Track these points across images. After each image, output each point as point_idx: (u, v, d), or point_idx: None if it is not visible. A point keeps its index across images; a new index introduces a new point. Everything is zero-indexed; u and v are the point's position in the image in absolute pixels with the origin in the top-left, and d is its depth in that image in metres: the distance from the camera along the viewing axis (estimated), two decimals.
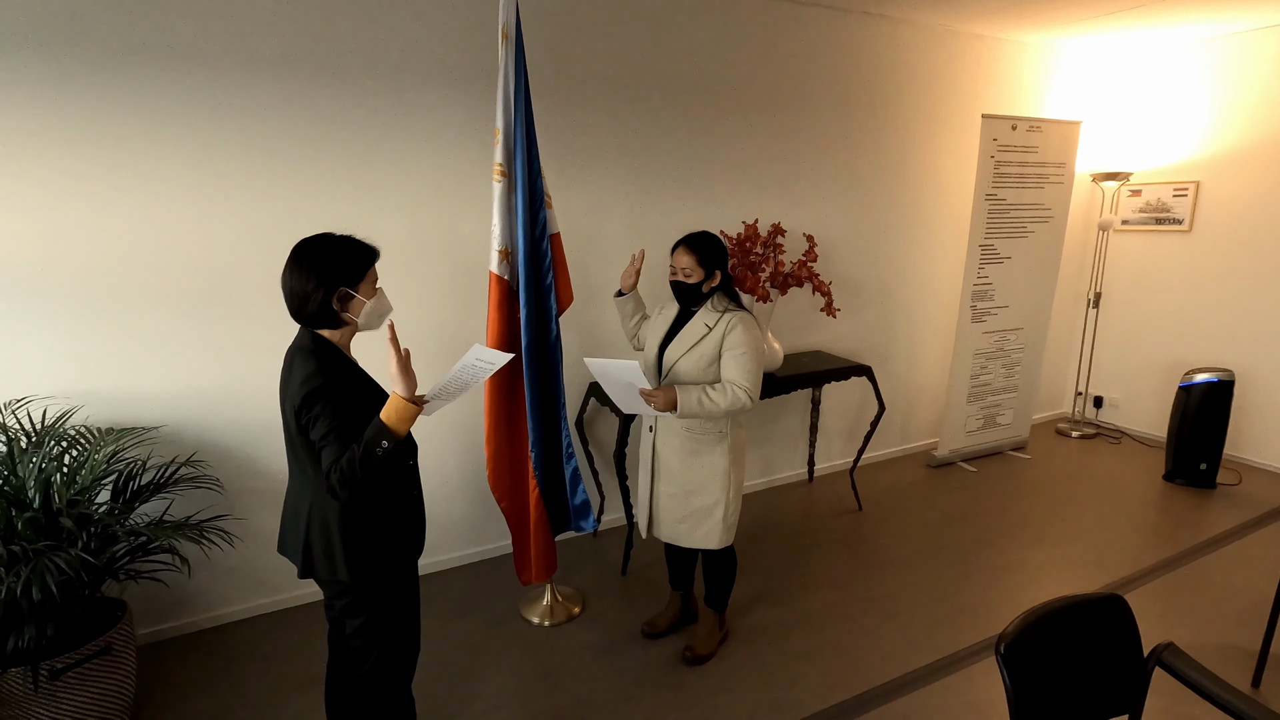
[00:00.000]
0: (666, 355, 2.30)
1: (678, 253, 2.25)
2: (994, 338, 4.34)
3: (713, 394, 2.17)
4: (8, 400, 2.24)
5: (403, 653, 1.80)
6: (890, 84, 3.88)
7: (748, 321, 2.25)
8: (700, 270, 2.22)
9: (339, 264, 1.58)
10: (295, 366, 1.58)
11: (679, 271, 2.24)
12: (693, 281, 2.23)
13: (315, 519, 1.63)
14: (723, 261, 2.27)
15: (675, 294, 2.31)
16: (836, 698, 2.34)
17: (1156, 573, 3.13)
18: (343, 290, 1.58)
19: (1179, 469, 4.07)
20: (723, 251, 2.28)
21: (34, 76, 2.17)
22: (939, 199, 4.26)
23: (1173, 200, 4.52)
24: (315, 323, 1.61)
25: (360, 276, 1.61)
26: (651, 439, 2.42)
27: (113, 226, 2.35)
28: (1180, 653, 1.56)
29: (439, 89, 2.75)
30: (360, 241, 1.64)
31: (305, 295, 1.56)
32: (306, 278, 1.56)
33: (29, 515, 1.93)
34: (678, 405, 2.15)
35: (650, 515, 2.47)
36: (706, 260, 2.22)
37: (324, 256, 1.57)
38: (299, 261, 1.58)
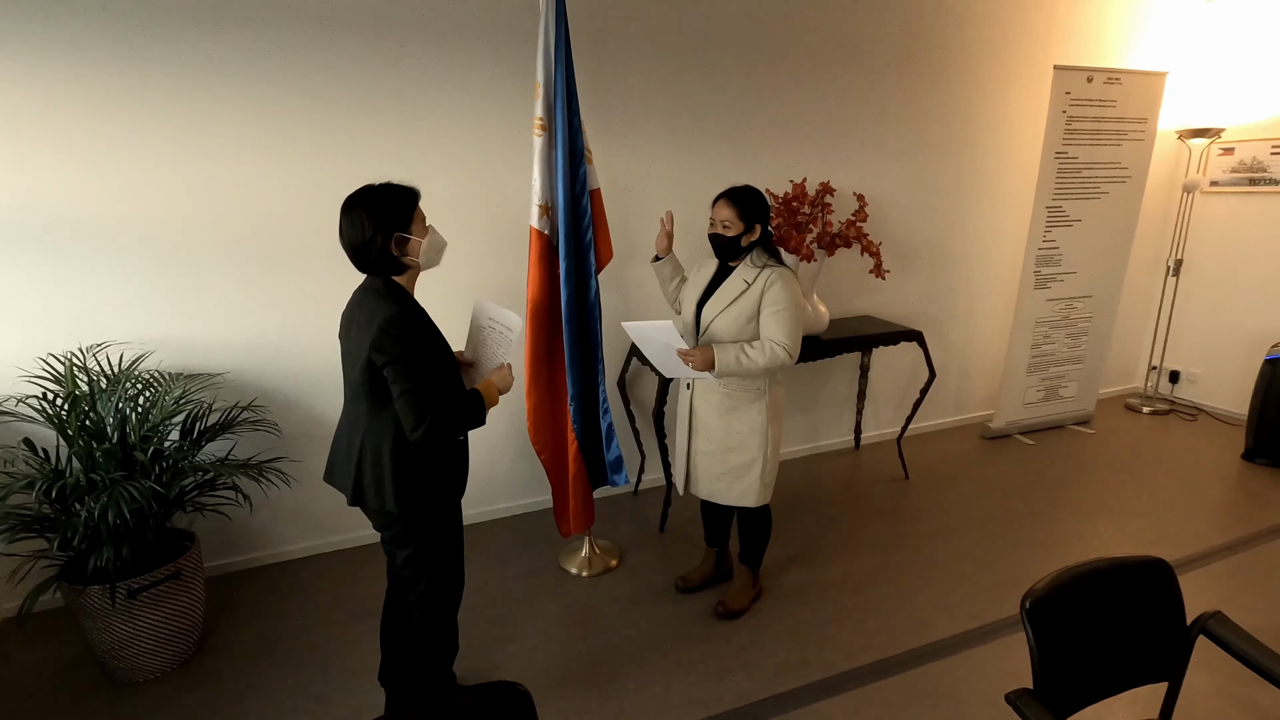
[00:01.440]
0: (704, 313, 2.28)
1: (718, 205, 2.21)
2: (1059, 305, 4.12)
3: (751, 352, 2.15)
4: (89, 344, 2.42)
5: (448, 584, 1.91)
6: (954, 35, 3.68)
7: (787, 277, 2.21)
8: (740, 224, 2.18)
9: (387, 209, 1.66)
10: (373, 308, 1.66)
11: (718, 224, 2.22)
12: (731, 235, 2.20)
13: (368, 451, 1.72)
14: (764, 216, 2.23)
15: (714, 248, 2.28)
16: (865, 659, 2.33)
17: (1224, 553, 2.96)
18: (397, 234, 1.66)
19: (1260, 448, 3.81)
20: (764, 206, 2.23)
21: (110, 43, 2.30)
22: (1004, 157, 4.04)
23: (1270, 159, 4.16)
24: (381, 270, 1.70)
25: (409, 218, 1.69)
26: (689, 396, 2.42)
27: (184, 185, 2.48)
28: (1229, 622, 1.48)
29: (483, 46, 2.76)
30: (400, 185, 1.71)
31: (364, 244, 1.65)
32: (360, 228, 1.65)
33: (106, 448, 2.10)
34: (715, 364, 2.15)
35: (688, 472, 2.48)
36: (747, 214, 2.18)
37: (372, 205, 1.65)
38: (350, 214, 1.67)
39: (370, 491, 1.73)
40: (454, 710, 1.09)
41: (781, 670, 2.28)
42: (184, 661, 2.32)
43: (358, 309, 1.71)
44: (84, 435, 2.13)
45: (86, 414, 2.16)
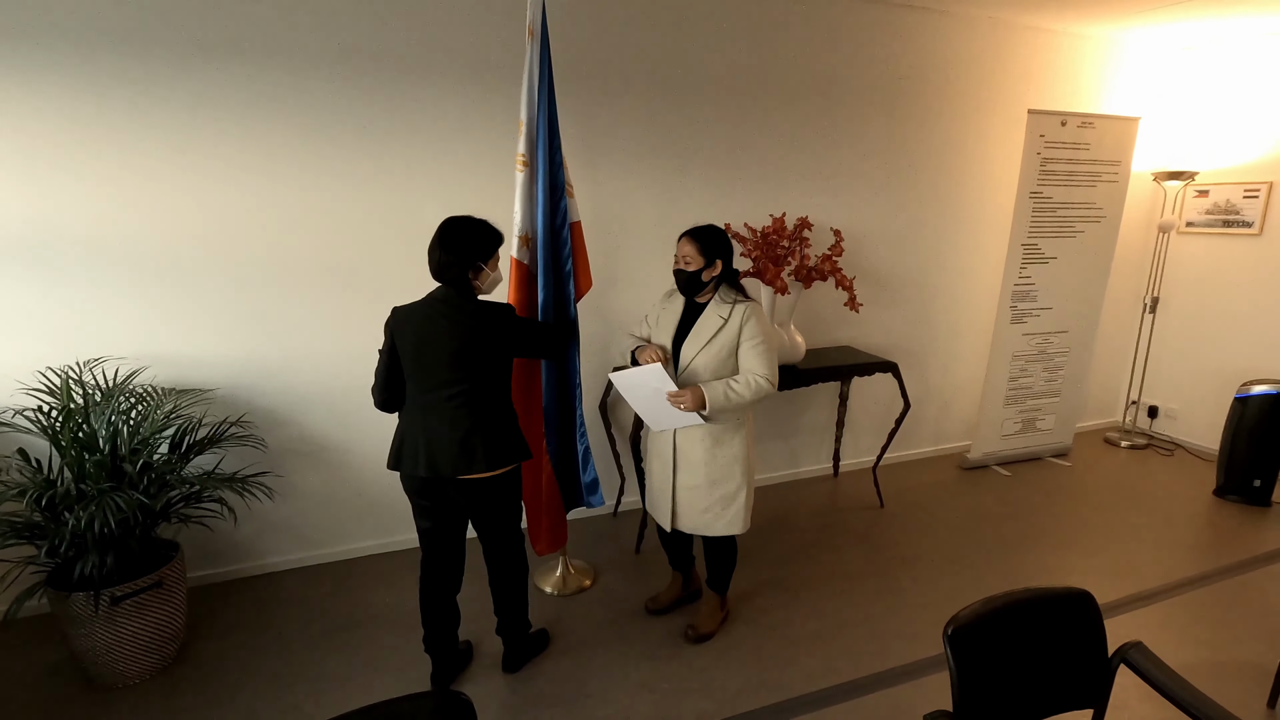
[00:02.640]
0: (684, 351, 2.34)
1: (681, 242, 2.32)
2: (1035, 340, 4.22)
3: (737, 387, 2.23)
4: (86, 359, 2.53)
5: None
6: (932, 77, 3.82)
7: (759, 311, 2.31)
8: (701, 259, 2.28)
9: (477, 244, 2.04)
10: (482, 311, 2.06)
11: (681, 260, 2.32)
12: (693, 269, 2.29)
13: (495, 420, 2.11)
14: (724, 252, 2.32)
15: (678, 283, 2.37)
16: (828, 682, 2.39)
17: (1190, 586, 3.02)
18: (477, 264, 2.05)
19: (1231, 484, 3.88)
20: (725, 243, 2.33)
21: (115, 73, 2.44)
22: (981, 196, 4.17)
23: (1243, 202, 4.27)
24: (456, 286, 2.04)
25: (491, 254, 2.09)
26: (672, 432, 2.43)
27: (181, 208, 2.61)
28: (1147, 652, 1.55)
29: (471, 83, 2.91)
30: (492, 226, 2.11)
31: (447, 264, 2.01)
32: (449, 251, 2.01)
33: (97, 459, 2.20)
34: (706, 404, 2.22)
35: (673, 509, 2.49)
36: (708, 249, 2.28)
37: (467, 236, 2.04)
38: (444, 237, 2.03)
39: (503, 453, 2.11)
40: (398, 714, 1.17)
41: (742, 692, 2.34)
42: (164, 668, 2.40)
43: (441, 318, 2.02)
44: (76, 447, 2.23)
45: (80, 426, 2.26)
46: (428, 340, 2.02)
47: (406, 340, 2.03)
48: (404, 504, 3.23)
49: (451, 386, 2.04)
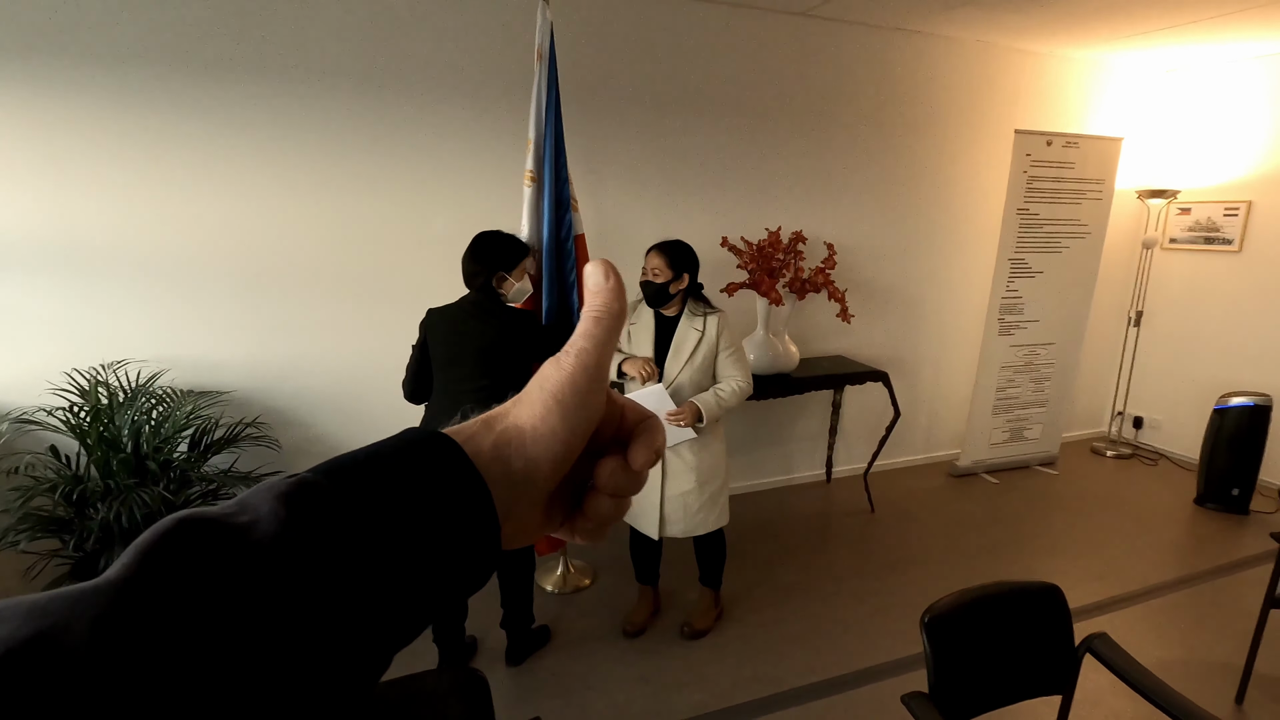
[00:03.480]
0: (667, 370, 2.44)
1: (649, 255, 2.43)
2: (1022, 351, 4.35)
3: (723, 394, 2.41)
4: (111, 361, 2.64)
5: None
6: (923, 98, 3.97)
7: (729, 320, 2.49)
8: (669, 271, 2.39)
9: (500, 255, 2.23)
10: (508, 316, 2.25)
11: (649, 272, 2.42)
12: (661, 281, 2.40)
13: None
14: (691, 266, 2.44)
15: (645, 294, 2.47)
16: (816, 677, 2.50)
17: (1167, 590, 3.14)
18: (500, 274, 2.22)
19: (1210, 493, 4.00)
20: (691, 257, 2.45)
21: (146, 89, 2.57)
22: (970, 211, 4.31)
23: (1223, 220, 4.42)
24: (484, 293, 2.23)
25: (513, 264, 2.26)
26: None
27: (201, 218, 2.73)
28: (1111, 643, 1.67)
29: (482, 104, 3.04)
30: (518, 239, 2.32)
31: (474, 272, 2.21)
32: (476, 260, 2.22)
33: (122, 457, 2.31)
34: (704, 416, 2.38)
35: (661, 519, 2.57)
36: (675, 263, 2.40)
37: (491, 247, 2.24)
38: (473, 248, 2.25)
39: None
40: (420, 690, 1.29)
41: (735, 686, 2.45)
42: None
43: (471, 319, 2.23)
44: (103, 445, 2.34)
45: (106, 425, 2.37)
46: (457, 338, 2.20)
47: (438, 337, 2.22)
48: None
49: (477, 380, 2.20)
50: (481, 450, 0.31)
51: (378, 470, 0.28)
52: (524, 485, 0.31)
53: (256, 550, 0.24)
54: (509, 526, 0.31)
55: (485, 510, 0.29)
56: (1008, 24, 3.68)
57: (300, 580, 0.24)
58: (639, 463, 0.35)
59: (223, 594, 0.23)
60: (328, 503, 0.26)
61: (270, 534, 0.24)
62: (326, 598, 0.24)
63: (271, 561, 0.24)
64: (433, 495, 0.28)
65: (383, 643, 0.27)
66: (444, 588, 0.29)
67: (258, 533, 0.24)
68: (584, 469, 0.35)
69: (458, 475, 0.29)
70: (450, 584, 0.29)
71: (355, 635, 0.25)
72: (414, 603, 0.28)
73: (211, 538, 0.24)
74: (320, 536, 0.25)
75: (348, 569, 0.25)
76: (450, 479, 0.29)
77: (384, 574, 0.26)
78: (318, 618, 0.24)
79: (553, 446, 0.32)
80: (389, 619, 0.27)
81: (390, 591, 0.26)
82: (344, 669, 0.25)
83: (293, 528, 0.25)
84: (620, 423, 0.36)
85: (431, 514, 0.28)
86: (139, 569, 0.22)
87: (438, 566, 0.28)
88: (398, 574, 0.26)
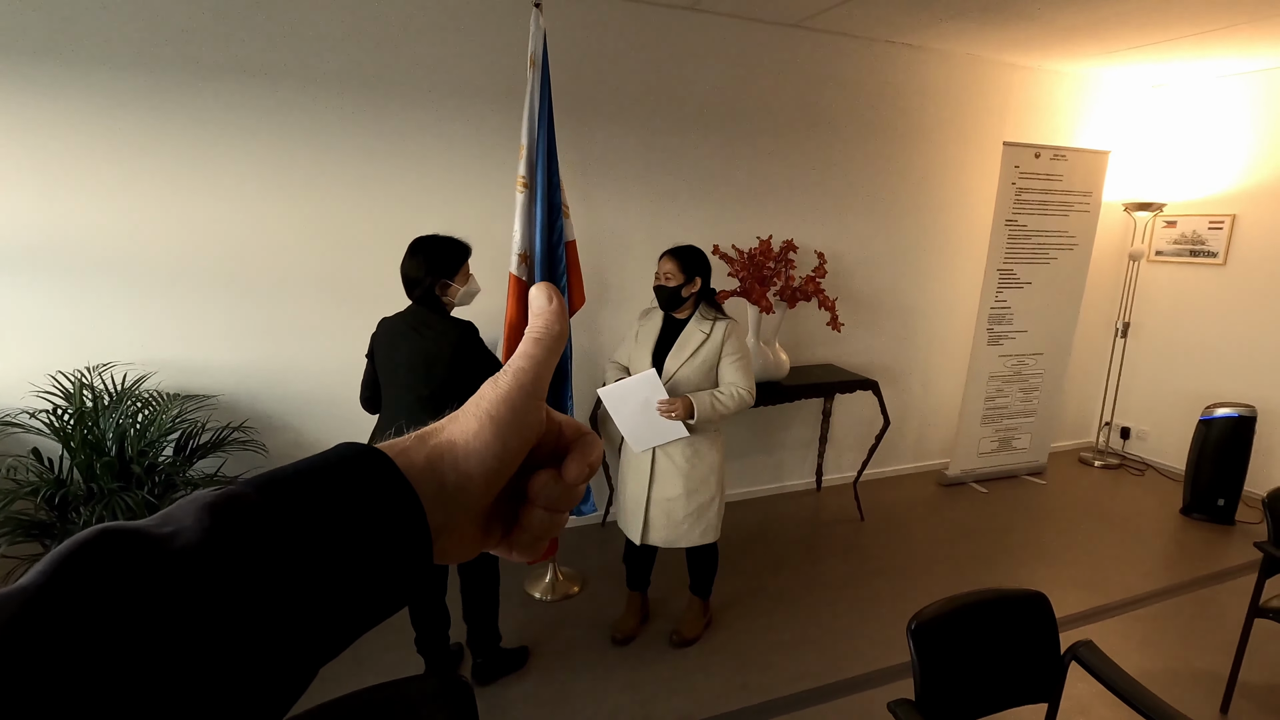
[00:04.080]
0: (667, 365, 2.44)
1: (662, 260, 2.45)
2: (1011, 361, 4.38)
3: (722, 398, 2.38)
4: (96, 364, 2.62)
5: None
6: (913, 110, 4.01)
7: (738, 328, 2.46)
8: (681, 275, 2.41)
9: (440, 261, 2.12)
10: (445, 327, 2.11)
11: (661, 276, 2.44)
12: (673, 285, 2.42)
13: None
14: (703, 270, 2.46)
15: (658, 298, 2.48)
16: (805, 685, 2.50)
17: (1153, 600, 3.16)
18: (442, 280, 2.11)
19: (1196, 503, 4.03)
20: (704, 262, 2.47)
21: (135, 90, 2.56)
22: (959, 222, 4.35)
23: (1208, 233, 4.48)
24: (425, 303, 2.12)
25: (456, 269, 2.15)
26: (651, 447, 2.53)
27: (190, 221, 2.72)
28: (1097, 651, 1.68)
29: (475, 110, 3.05)
30: (457, 241, 2.17)
31: (413, 282, 2.11)
32: (415, 269, 2.11)
33: (105, 460, 2.28)
34: (695, 412, 2.34)
35: (645, 523, 2.56)
36: (687, 267, 2.42)
37: (429, 254, 2.12)
38: (412, 255, 2.13)
39: None
40: (404, 696, 1.28)
41: (723, 694, 2.44)
42: None
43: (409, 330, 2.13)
44: (86, 448, 2.31)
45: (90, 428, 2.35)
46: (394, 351, 2.16)
47: (381, 349, 2.20)
48: None
49: (417, 391, 2.14)
50: (414, 464, 0.31)
51: (308, 483, 0.28)
52: (457, 500, 0.32)
53: (174, 560, 0.24)
54: (444, 541, 0.32)
55: (416, 523, 0.30)
56: (997, 38, 3.72)
57: (218, 591, 0.24)
58: (571, 476, 0.36)
59: (135, 603, 0.22)
60: (254, 515, 0.26)
61: (191, 545, 0.24)
62: (246, 609, 0.25)
63: (189, 572, 0.24)
64: (362, 508, 0.28)
65: (307, 655, 0.27)
66: (374, 600, 0.29)
67: (178, 543, 0.24)
68: (523, 484, 0.36)
69: (389, 488, 0.29)
70: (380, 596, 0.29)
71: (277, 647, 0.25)
72: (340, 615, 0.28)
73: (129, 548, 0.24)
74: (243, 548, 0.25)
75: (270, 581, 0.25)
76: (381, 492, 0.29)
77: (308, 587, 0.26)
78: (236, 628, 0.24)
79: (486, 462, 0.32)
80: (313, 631, 0.27)
81: (314, 604, 0.27)
82: (264, 680, 0.25)
83: (215, 539, 0.25)
84: (559, 438, 0.37)
85: (360, 526, 0.28)
86: (52, 577, 0.22)
87: (366, 579, 0.28)
88: (322, 586, 0.27)
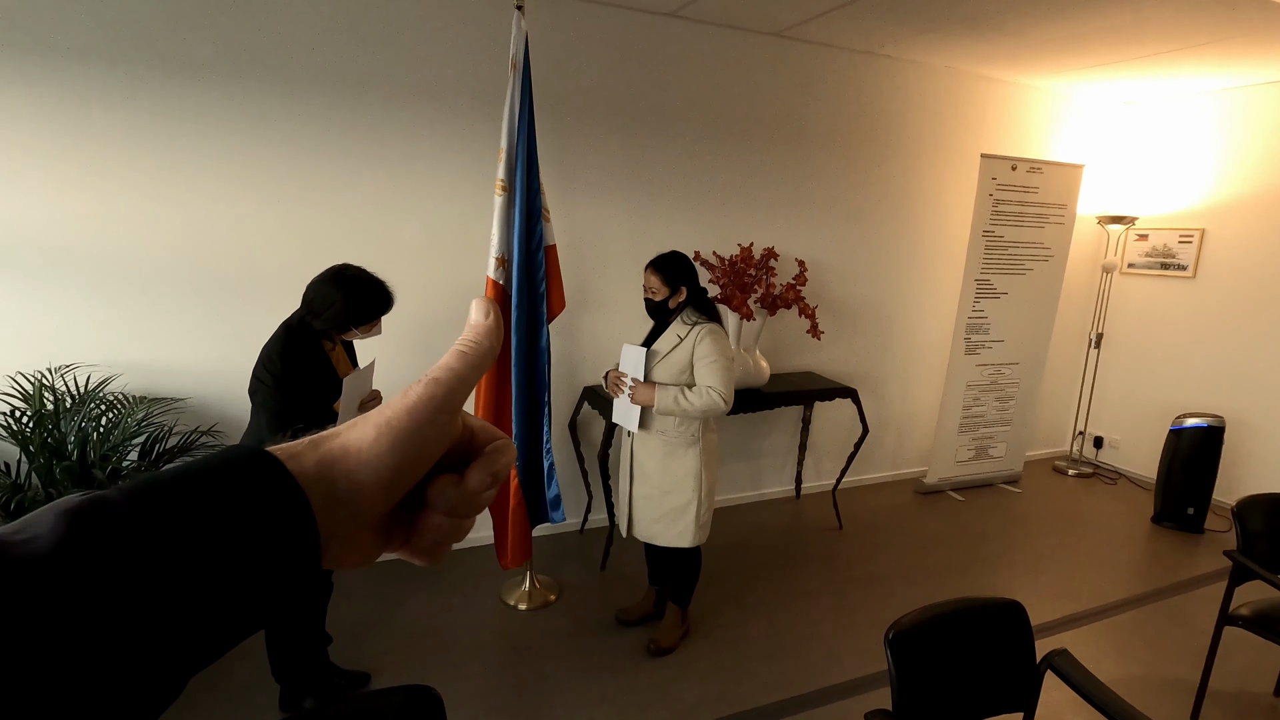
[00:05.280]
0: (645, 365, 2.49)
1: (646, 273, 2.46)
2: (988, 370, 4.43)
3: (689, 395, 2.37)
4: (58, 365, 2.54)
5: None
6: (892, 121, 4.05)
7: (716, 332, 2.44)
8: (666, 288, 2.42)
9: (361, 308, 1.95)
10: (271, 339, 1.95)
11: (647, 290, 2.46)
12: (659, 299, 2.44)
13: None
14: (688, 278, 2.46)
15: (648, 311, 2.52)
16: (782, 695, 2.48)
17: (1124, 608, 3.19)
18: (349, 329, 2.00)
19: (1166, 512, 4.09)
20: (687, 269, 2.47)
21: (105, 87, 2.49)
22: (938, 232, 4.39)
23: (1178, 246, 4.57)
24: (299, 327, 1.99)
25: (370, 320, 1.99)
26: (630, 443, 2.61)
27: (160, 219, 2.65)
28: (1072, 659, 1.68)
29: (455, 111, 3.02)
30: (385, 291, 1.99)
31: (315, 313, 1.97)
32: (327, 303, 1.96)
33: (65, 465, 2.21)
34: (655, 401, 2.37)
35: (630, 516, 2.65)
36: (671, 278, 2.42)
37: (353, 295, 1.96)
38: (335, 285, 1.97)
39: None
40: (370, 708, 1.24)
41: (700, 704, 2.41)
42: None
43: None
44: (45, 452, 2.24)
45: (50, 432, 2.27)
46: None
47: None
48: None
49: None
50: (304, 469, 0.30)
51: (186, 487, 0.27)
52: (348, 507, 0.31)
53: (20, 568, 0.23)
54: (337, 547, 0.31)
55: (305, 528, 0.29)
56: (975, 51, 3.78)
57: (65, 599, 0.23)
58: (473, 483, 0.35)
59: None
60: (118, 520, 0.25)
61: (39, 552, 0.23)
62: (97, 617, 0.23)
63: (35, 580, 0.23)
64: (245, 511, 0.27)
65: (177, 662, 0.26)
66: (254, 606, 0.28)
67: (26, 550, 0.23)
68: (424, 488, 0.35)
69: (277, 491, 0.28)
70: (262, 602, 0.28)
71: (136, 655, 0.24)
72: (215, 620, 0.27)
73: None
74: (100, 555, 0.24)
75: (127, 588, 0.24)
76: (267, 495, 0.28)
77: (174, 593, 0.25)
78: (85, 637, 0.23)
79: (379, 471, 0.31)
80: (182, 638, 0.26)
81: (182, 611, 0.25)
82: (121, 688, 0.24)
83: (69, 545, 0.24)
84: (470, 443, 0.36)
85: (241, 529, 0.27)
86: None
87: (246, 584, 0.27)
88: (192, 593, 0.25)
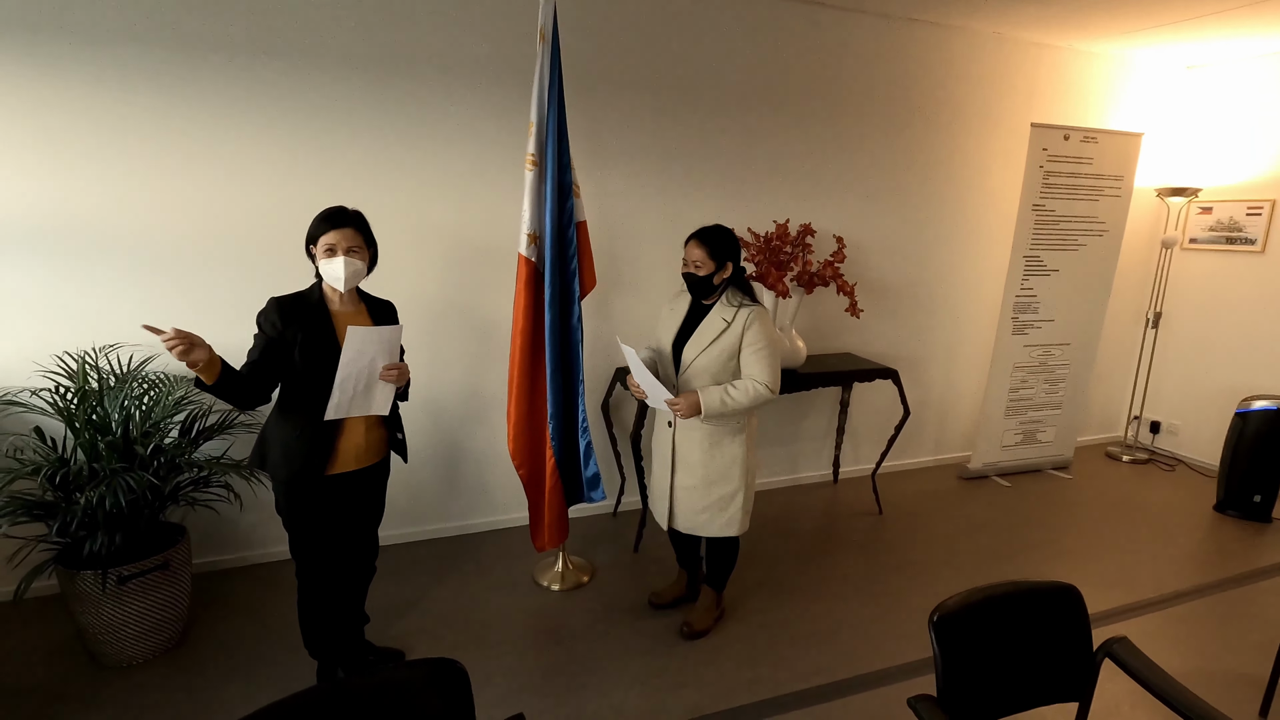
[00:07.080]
0: (685, 353, 2.36)
1: (689, 246, 2.33)
2: (1036, 352, 4.24)
3: (734, 393, 2.25)
4: (102, 344, 2.60)
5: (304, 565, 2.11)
6: (937, 90, 3.88)
7: (763, 315, 2.32)
8: (711, 263, 2.29)
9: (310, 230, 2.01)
10: None
11: (690, 264, 2.32)
12: (704, 274, 2.30)
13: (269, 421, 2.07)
14: (734, 254, 2.34)
15: (688, 286, 2.38)
16: (819, 680, 2.41)
17: (1186, 598, 3.03)
18: (310, 249, 2.01)
19: (1230, 500, 3.88)
20: (734, 244, 2.35)
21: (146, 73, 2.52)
22: (984, 207, 4.21)
23: (1246, 219, 4.30)
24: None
25: (313, 240, 1.99)
26: (671, 433, 2.46)
27: (198, 201, 2.69)
28: (1132, 647, 1.58)
29: (483, 86, 2.98)
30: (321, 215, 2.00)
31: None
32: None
33: (110, 440, 2.25)
34: (702, 410, 2.25)
35: (670, 508, 2.53)
36: (717, 253, 2.29)
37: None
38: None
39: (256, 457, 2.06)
40: (396, 680, 1.22)
41: (733, 688, 2.36)
42: (168, 649, 2.44)
43: None
44: (90, 428, 2.29)
45: (94, 408, 2.32)
46: None
47: None
48: (407, 497, 3.28)
49: None
50: None
51: None
52: None
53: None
54: None
55: None
56: (1025, 16, 3.58)
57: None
58: None
59: None
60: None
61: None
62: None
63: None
64: None
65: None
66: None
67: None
68: None
69: None
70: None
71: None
72: None
73: None
74: None
75: None
76: None
77: None
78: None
79: None
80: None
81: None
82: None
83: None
84: None
85: None
86: None
87: None
88: None
